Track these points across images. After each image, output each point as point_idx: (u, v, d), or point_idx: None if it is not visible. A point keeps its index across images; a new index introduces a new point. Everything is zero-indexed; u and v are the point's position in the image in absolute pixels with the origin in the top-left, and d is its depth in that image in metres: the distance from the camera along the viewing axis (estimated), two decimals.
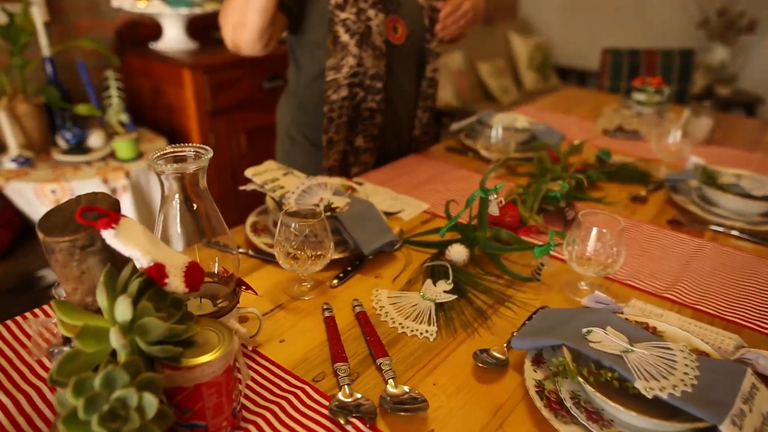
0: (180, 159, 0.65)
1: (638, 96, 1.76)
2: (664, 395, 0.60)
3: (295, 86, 1.44)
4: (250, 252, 0.99)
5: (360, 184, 1.23)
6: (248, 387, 0.69)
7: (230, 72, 2.09)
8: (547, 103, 2.17)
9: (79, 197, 0.60)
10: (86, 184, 1.79)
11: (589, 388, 0.63)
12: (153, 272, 0.56)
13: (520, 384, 0.71)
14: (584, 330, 0.70)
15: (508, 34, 4.11)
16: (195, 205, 0.67)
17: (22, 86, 1.86)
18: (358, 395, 0.67)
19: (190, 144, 0.67)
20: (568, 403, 0.64)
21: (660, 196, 1.30)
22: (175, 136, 2.16)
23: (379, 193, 1.26)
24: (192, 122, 2.03)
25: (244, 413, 0.65)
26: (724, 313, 0.87)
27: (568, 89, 2.48)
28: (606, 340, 0.69)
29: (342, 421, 0.63)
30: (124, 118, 1.95)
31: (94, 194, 0.60)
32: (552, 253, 0.98)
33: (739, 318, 0.86)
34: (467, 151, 1.54)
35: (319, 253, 0.85)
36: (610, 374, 0.64)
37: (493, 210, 0.96)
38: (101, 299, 0.53)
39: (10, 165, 1.81)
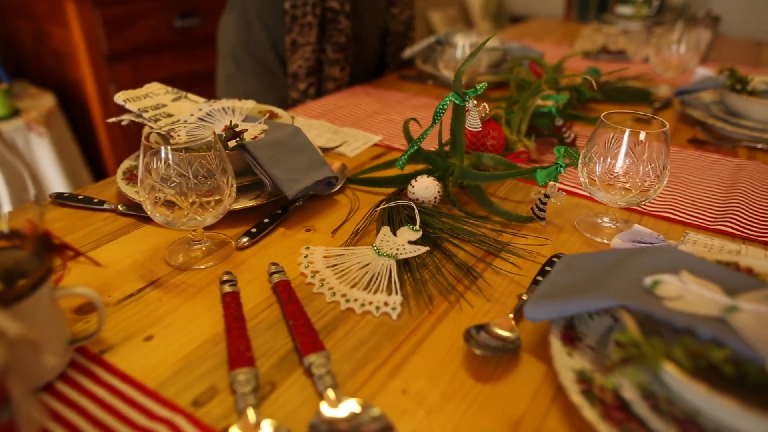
0: None
1: (623, 10, 1.49)
2: None
3: None
4: (120, 207, 0.66)
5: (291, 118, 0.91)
6: (72, 430, 0.38)
7: (129, 5, 1.69)
8: (512, 32, 1.88)
9: None
10: None
11: (684, 381, 0.35)
12: None
13: (545, 377, 0.43)
14: (648, 281, 0.42)
15: None
16: None
17: None
18: (267, 424, 0.37)
19: None
20: (641, 409, 0.36)
21: (667, 116, 1.04)
22: (67, 89, 1.76)
23: (313, 127, 0.94)
24: (84, 70, 1.64)
25: None
26: None
27: (534, 20, 2.19)
28: (689, 295, 0.41)
29: None
30: None
31: None
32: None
33: None
34: (426, 79, 1.24)
35: (215, 198, 0.54)
36: (719, 353, 0.36)
37: (474, 123, 0.67)
38: None
39: None
